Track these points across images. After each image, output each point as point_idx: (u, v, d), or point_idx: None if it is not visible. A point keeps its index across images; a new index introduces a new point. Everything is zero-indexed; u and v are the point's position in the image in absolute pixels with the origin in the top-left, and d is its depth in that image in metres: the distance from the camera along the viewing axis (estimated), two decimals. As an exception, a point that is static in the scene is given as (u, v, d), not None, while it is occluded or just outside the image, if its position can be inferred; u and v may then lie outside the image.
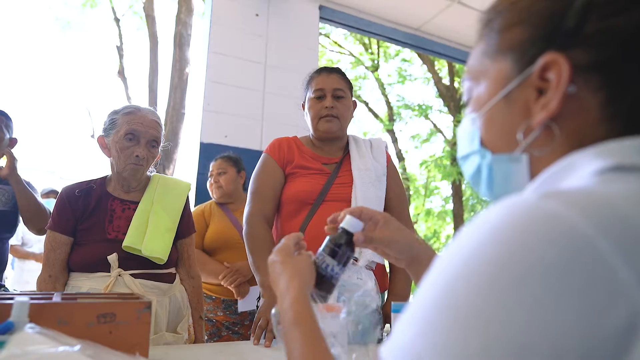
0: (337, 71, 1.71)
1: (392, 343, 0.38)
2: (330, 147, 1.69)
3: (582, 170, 0.42)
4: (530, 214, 0.35)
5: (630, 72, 0.43)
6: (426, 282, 0.39)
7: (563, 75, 0.44)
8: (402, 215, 1.67)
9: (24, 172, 2.45)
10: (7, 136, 2.27)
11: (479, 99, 0.54)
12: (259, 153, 3.54)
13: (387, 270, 1.66)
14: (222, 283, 2.22)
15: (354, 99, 1.74)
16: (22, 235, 4.06)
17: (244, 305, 2.23)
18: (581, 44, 0.44)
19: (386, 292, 1.61)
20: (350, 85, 1.71)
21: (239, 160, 2.54)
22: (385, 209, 1.63)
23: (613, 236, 0.32)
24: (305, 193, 1.56)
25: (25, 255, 4.06)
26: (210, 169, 2.53)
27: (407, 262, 0.85)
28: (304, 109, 1.71)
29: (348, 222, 0.81)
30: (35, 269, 4.15)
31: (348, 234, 0.80)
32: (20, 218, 2.31)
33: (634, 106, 0.43)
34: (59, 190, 5.16)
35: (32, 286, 4.02)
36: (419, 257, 0.84)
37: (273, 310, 0.77)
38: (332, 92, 1.64)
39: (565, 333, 0.30)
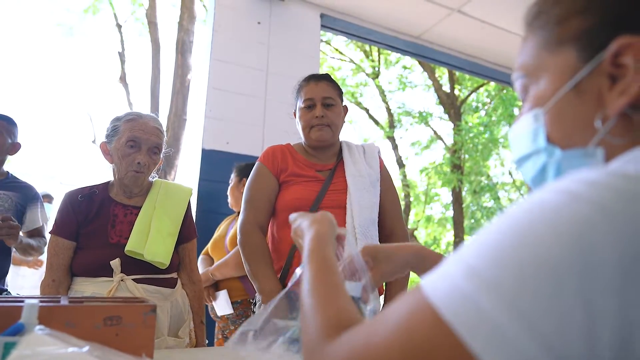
0: (326, 78, 1.70)
1: (436, 277, 0.37)
2: (323, 154, 1.70)
3: None
4: (634, 192, 0.33)
5: None
6: (492, 228, 0.37)
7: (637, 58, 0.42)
8: (395, 220, 1.70)
9: (25, 177, 2.48)
10: (9, 141, 2.30)
11: (541, 94, 0.51)
12: (261, 159, 3.55)
13: None
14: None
15: (344, 104, 1.74)
16: None
17: (219, 309, 2.29)
18: None
19: (382, 297, 1.63)
20: (339, 92, 1.71)
21: (243, 168, 2.59)
22: (379, 214, 1.66)
23: None
24: (300, 201, 1.57)
25: (19, 262, 4.09)
26: None
27: (413, 270, 0.88)
28: (295, 117, 1.72)
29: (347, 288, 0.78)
30: (29, 274, 4.18)
31: (354, 299, 0.76)
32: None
33: None
34: (53, 195, 5.18)
35: (27, 291, 4.05)
36: (421, 263, 0.85)
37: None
38: (321, 100, 1.64)
39: None
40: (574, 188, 0.34)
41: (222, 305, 2.26)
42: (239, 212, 2.53)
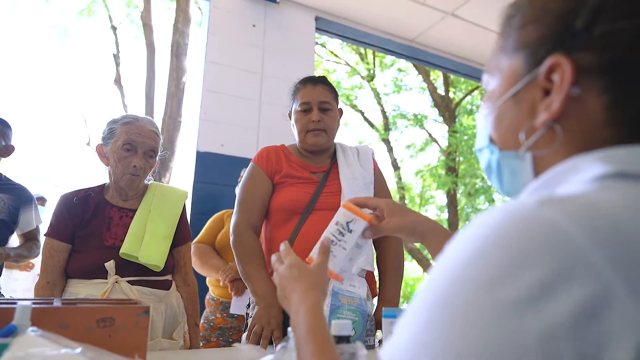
0: (322, 81, 1.68)
1: (389, 346, 0.39)
2: (318, 156, 1.70)
3: (584, 173, 0.41)
4: (530, 221, 0.35)
5: (636, 76, 0.43)
6: (424, 285, 0.39)
7: (565, 77, 0.44)
8: None
9: (20, 179, 2.47)
10: (3, 143, 2.30)
11: (492, 94, 0.54)
12: (255, 162, 3.54)
13: (376, 277, 1.68)
14: (220, 279, 2.27)
15: (339, 107, 1.73)
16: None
17: (236, 307, 2.25)
18: (588, 47, 0.44)
19: (376, 299, 1.63)
20: (335, 95, 1.70)
21: None
22: None
23: (608, 248, 0.33)
24: (294, 202, 1.57)
25: (10, 265, 4.08)
26: None
27: (419, 239, 0.93)
28: (290, 119, 1.71)
29: (337, 328, 0.79)
30: (21, 277, 4.18)
31: (343, 338, 0.79)
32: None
33: (639, 111, 0.43)
34: (46, 198, 5.21)
35: (20, 294, 4.05)
36: (427, 234, 0.92)
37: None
38: (318, 105, 1.62)
39: (557, 336, 0.31)
40: (491, 224, 0.37)
41: (243, 303, 2.23)
42: None
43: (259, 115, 3.50)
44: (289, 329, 0.80)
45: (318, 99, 1.63)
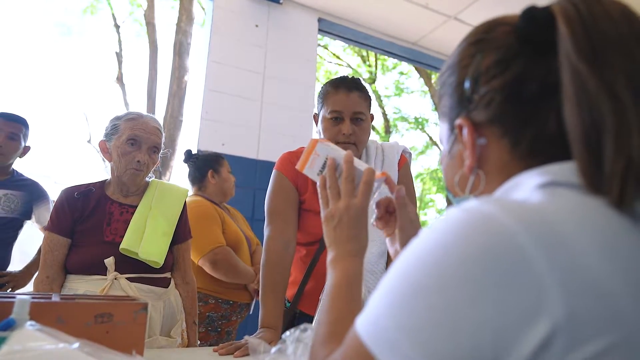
0: (357, 87, 1.50)
1: (365, 316, 0.47)
2: None
3: (526, 185, 0.50)
4: (472, 214, 0.44)
5: (518, 119, 0.53)
6: (397, 265, 0.47)
7: (468, 134, 0.56)
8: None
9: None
10: (23, 144, 2.31)
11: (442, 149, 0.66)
12: (256, 161, 3.56)
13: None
14: (255, 284, 2.24)
15: (371, 112, 1.57)
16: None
17: None
18: (477, 106, 0.55)
19: None
20: (369, 102, 1.54)
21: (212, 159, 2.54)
22: None
23: (534, 233, 0.40)
24: (310, 236, 1.53)
25: None
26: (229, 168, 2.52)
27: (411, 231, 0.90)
28: (316, 122, 1.56)
29: None
30: None
31: None
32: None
33: (532, 145, 0.53)
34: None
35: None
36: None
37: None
38: (351, 115, 1.46)
39: (489, 306, 0.39)
40: (446, 218, 0.46)
41: None
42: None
43: (260, 116, 3.51)
44: (284, 334, 0.81)
45: (351, 109, 1.46)
